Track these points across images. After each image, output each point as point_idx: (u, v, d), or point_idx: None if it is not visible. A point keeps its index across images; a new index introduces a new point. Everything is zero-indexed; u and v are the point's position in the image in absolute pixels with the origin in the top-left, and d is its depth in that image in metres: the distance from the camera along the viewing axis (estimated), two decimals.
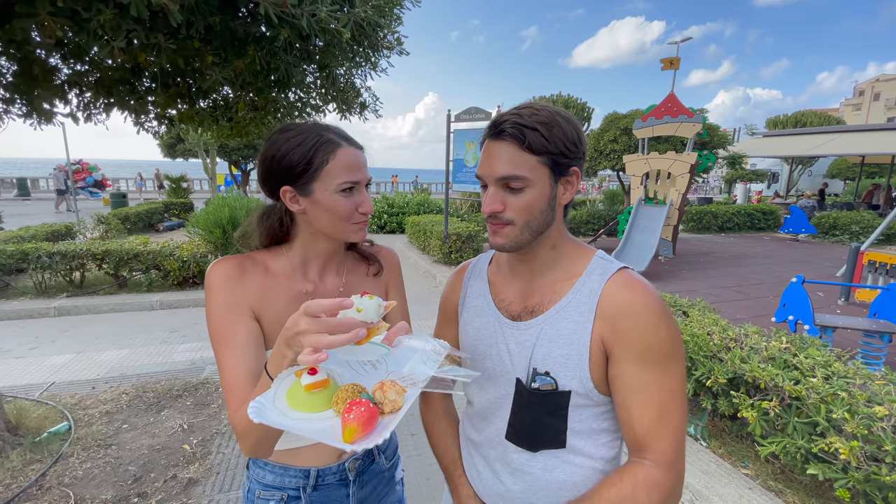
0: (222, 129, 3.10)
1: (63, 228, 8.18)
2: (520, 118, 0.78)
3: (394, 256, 1.16)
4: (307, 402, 0.69)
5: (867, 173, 20.50)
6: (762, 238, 12.68)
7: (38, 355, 4.20)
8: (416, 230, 9.48)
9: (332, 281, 1.02)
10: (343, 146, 0.89)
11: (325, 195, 0.88)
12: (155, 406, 3.20)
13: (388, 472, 1.13)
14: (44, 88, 2.10)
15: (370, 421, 0.65)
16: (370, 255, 1.10)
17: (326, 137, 0.88)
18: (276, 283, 0.94)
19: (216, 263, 0.91)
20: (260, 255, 0.97)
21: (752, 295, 6.53)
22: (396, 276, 1.14)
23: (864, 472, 1.89)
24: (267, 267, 0.95)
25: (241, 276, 0.90)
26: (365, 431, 0.65)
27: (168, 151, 17.37)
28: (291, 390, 0.71)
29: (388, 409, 0.69)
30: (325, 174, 0.87)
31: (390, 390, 0.70)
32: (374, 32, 1.84)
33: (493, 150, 0.81)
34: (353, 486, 1.04)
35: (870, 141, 14.01)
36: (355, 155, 0.91)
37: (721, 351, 2.72)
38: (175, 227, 12.13)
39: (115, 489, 2.34)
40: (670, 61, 8.33)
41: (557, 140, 0.78)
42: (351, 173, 0.89)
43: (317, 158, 0.87)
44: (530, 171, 0.79)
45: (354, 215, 0.91)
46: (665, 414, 0.76)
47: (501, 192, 0.81)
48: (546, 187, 0.81)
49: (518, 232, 0.82)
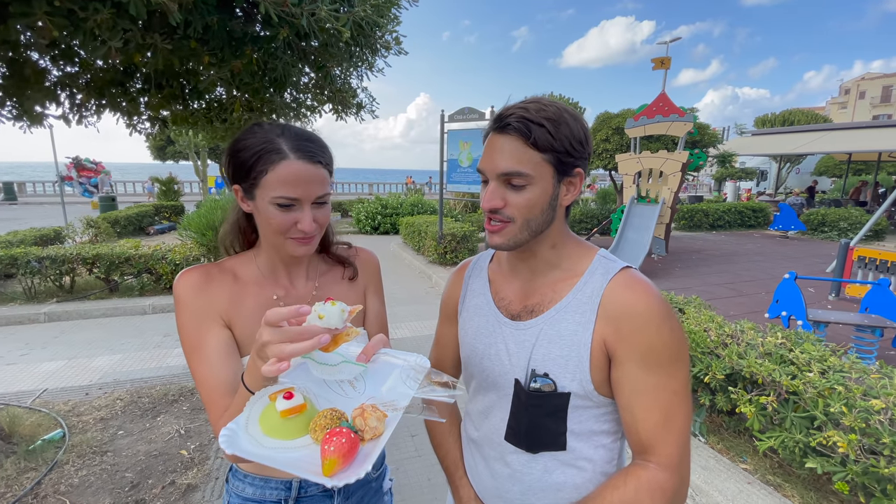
0: (216, 131, 3.07)
1: (52, 233, 8.06)
2: (526, 112, 0.76)
3: (372, 259, 1.12)
4: (282, 429, 0.67)
5: (854, 170, 20.82)
6: (752, 235, 12.83)
7: (29, 361, 4.13)
8: (411, 231, 9.46)
9: (304, 285, 0.99)
10: (289, 159, 0.82)
11: (262, 204, 0.85)
12: (150, 411, 3.16)
13: (376, 483, 1.09)
14: (35, 90, 2.06)
15: (351, 451, 0.62)
16: (344, 258, 1.07)
17: (274, 146, 0.83)
18: (245, 289, 0.92)
19: (182, 275, 0.89)
20: (230, 262, 0.96)
21: (745, 291, 6.60)
22: (375, 279, 1.11)
23: (862, 464, 1.91)
24: (236, 274, 0.93)
25: (207, 284, 0.89)
26: (346, 463, 0.62)
27: (158, 154, 17.20)
28: (265, 414, 0.69)
29: (369, 437, 0.67)
30: (264, 183, 0.83)
31: (371, 417, 0.67)
32: (373, 32, 1.83)
33: (497, 144, 0.78)
34: (338, 498, 1.00)
35: (856, 138, 14.24)
36: (301, 170, 0.83)
37: (718, 347, 2.74)
38: (166, 230, 12.00)
39: (112, 496, 2.30)
40: (661, 61, 8.40)
41: (563, 138, 0.76)
42: (289, 188, 0.82)
43: (258, 166, 0.83)
44: (534, 168, 0.76)
45: (291, 230, 0.86)
46: (669, 417, 0.76)
47: (503, 187, 0.79)
48: (549, 186, 0.79)
49: (517, 231, 0.80)
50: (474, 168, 7.19)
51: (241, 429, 0.67)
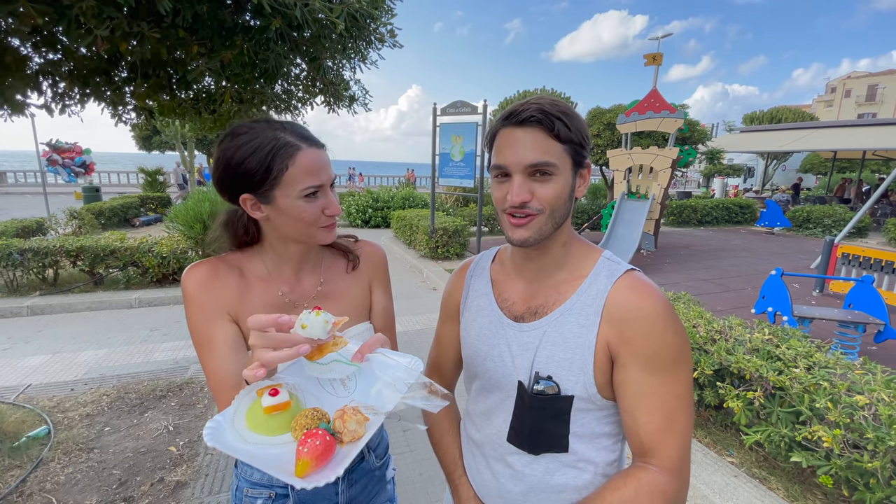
0: (204, 122, 3.01)
1: (34, 224, 7.87)
2: (543, 107, 0.76)
3: (378, 252, 1.11)
4: (266, 425, 0.68)
5: (839, 168, 21.17)
6: (739, 231, 13.00)
7: (11, 356, 4.04)
8: (402, 225, 9.41)
9: (310, 280, 0.99)
10: (303, 148, 0.83)
11: (287, 202, 0.84)
12: (138, 407, 3.12)
13: (379, 471, 1.11)
14: (16, 78, 1.99)
15: (325, 454, 0.63)
16: (349, 249, 1.06)
17: (284, 140, 0.82)
18: (250, 286, 0.92)
19: (189, 269, 0.90)
20: (234, 256, 0.95)
21: (732, 287, 6.69)
22: (381, 272, 1.10)
23: (846, 459, 1.96)
24: (241, 270, 0.93)
25: (215, 280, 0.89)
26: (318, 465, 0.62)
27: (143, 144, 16.84)
28: (251, 410, 0.69)
29: (348, 439, 0.67)
30: (287, 181, 0.82)
31: (350, 420, 0.67)
32: (367, 24, 1.79)
33: (518, 138, 0.77)
34: (343, 485, 1.02)
35: (841, 137, 14.46)
36: (317, 156, 0.85)
37: (707, 343, 2.78)
38: (152, 221, 11.79)
39: (99, 494, 2.27)
40: (653, 57, 8.42)
41: (577, 130, 0.78)
42: (314, 177, 0.84)
43: (276, 165, 0.81)
44: (558, 158, 0.77)
45: (321, 219, 0.87)
46: (671, 420, 0.76)
47: (529, 180, 0.78)
48: (569, 178, 0.80)
49: (543, 222, 0.79)
50: (467, 162, 7.16)
51: (227, 422, 0.68)
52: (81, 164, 12.82)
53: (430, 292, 6.39)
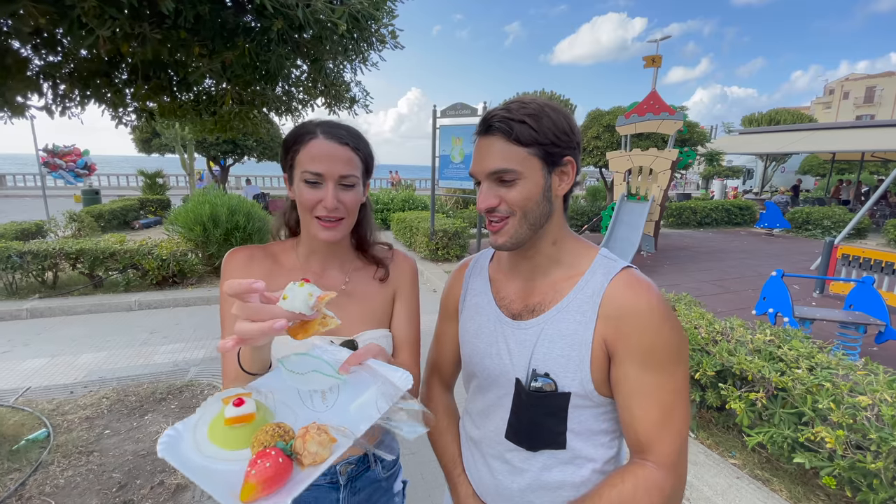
0: (204, 124, 3.01)
1: (34, 227, 7.87)
2: (508, 112, 0.79)
3: (408, 263, 1.12)
4: (225, 438, 0.62)
5: (837, 170, 21.20)
6: (739, 233, 13.01)
7: (10, 359, 4.02)
8: (402, 227, 9.41)
9: (336, 276, 1.02)
10: (317, 137, 0.89)
11: (297, 183, 0.91)
12: (138, 410, 3.10)
13: (386, 483, 1.09)
14: (16, 80, 1.99)
15: (276, 478, 0.56)
16: (379, 259, 1.07)
17: (307, 128, 0.90)
18: (281, 272, 0.98)
19: (229, 253, 0.99)
20: (275, 246, 1.03)
21: (732, 288, 6.69)
22: (407, 284, 1.09)
23: (849, 459, 1.95)
24: (276, 258, 1.00)
25: (248, 264, 0.97)
26: (266, 490, 0.55)
27: (143, 146, 16.79)
28: (215, 420, 0.64)
29: (308, 462, 0.59)
30: (297, 162, 0.90)
31: (312, 441, 0.60)
32: (369, 25, 1.79)
33: (483, 147, 0.82)
34: (344, 492, 1.01)
35: (840, 138, 14.49)
36: (327, 147, 0.89)
37: (709, 344, 2.77)
38: (151, 224, 11.77)
39: (99, 497, 2.26)
40: (652, 59, 8.44)
41: (547, 130, 0.78)
42: (314, 164, 0.88)
43: (293, 146, 0.91)
44: (520, 163, 0.78)
45: (316, 208, 0.90)
46: (668, 416, 0.77)
47: (495, 186, 0.81)
48: (539, 179, 0.80)
49: (517, 225, 0.81)
50: (467, 164, 7.17)
51: (188, 430, 0.63)
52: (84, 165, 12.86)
53: (430, 294, 6.39)
